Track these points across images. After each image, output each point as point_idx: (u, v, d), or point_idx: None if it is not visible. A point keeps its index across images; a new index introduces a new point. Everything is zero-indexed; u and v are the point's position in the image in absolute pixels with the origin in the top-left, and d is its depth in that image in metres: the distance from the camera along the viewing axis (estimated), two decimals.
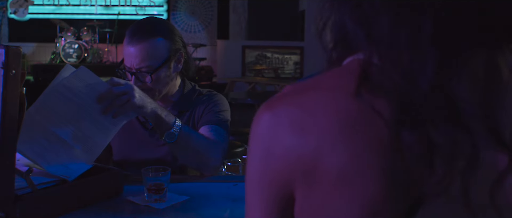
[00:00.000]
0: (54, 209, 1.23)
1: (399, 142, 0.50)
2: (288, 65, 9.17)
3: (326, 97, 0.54)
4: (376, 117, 0.51)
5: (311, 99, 0.54)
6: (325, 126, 0.52)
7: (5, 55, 1.03)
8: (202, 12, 9.62)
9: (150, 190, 1.34)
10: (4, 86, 1.04)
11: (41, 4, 9.23)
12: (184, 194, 1.41)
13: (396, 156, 0.51)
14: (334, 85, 0.55)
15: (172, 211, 1.30)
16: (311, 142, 0.53)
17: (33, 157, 1.33)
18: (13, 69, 1.04)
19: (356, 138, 0.52)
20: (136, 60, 1.62)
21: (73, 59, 8.54)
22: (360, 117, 0.52)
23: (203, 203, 1.37)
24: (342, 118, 0.52)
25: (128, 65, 1.64)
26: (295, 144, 0.54)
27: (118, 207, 1.32)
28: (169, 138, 1.50)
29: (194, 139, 1.55)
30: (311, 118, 0.53)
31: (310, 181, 0.54)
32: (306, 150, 0.53)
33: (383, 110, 0.51)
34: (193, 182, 1.57)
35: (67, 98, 1.37)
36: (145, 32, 1.63)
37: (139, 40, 1.62)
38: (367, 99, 0.52)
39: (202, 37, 9.52)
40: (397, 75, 0.51)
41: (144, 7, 9.31)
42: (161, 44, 1.64)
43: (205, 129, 1.65)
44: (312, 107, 0.53)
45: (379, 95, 0.52)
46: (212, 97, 1.76)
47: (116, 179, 1.40)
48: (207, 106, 1.71)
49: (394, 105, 0.51)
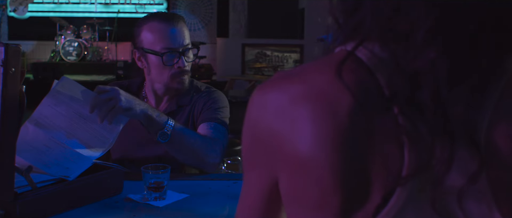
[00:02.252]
0: (53, 207, 1.23)
1: (373, 127, 0.51)
2: (287, 63, 9.17)
3: (307, 83, 0.55)
4: (348, 102, 0.52)
5: (295, 85, 0.56)
6: (302, 112, 0.54)
7: (4, 53, 1.03)
8: (202, 10, 9.61)
9: (150, 188, 1.34)
10: (4, 84, 1.04)
11: (41, 2, 9.22)
12: (183, 192, 1.41)
13: (363, 142, 0.51)
14: (316, 70, 0.57)
15: (172, 209, 1.30)
16: (288, 126, 0.55)
17: (33, 163, 1.32)
18: (13, 67, 1.04)
19: (327, 122, 0.53)
20: (183, 39, 1.68)
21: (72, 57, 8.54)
22: (333, 101, 0.53)
23: (203, 201, 1.37)
24: (318, 102, 0.54)
25: (174, 46, 1.67)
26: (277, 128, 0.55)
27: (118, 205, 1.32)
28: (162, 138, 1.51)
29: (189, 138, 1.55)
30: (291, 103, 0.55)
31: (289, 165, 0.55)
32: (285, 134, 0.55)
33: (360, 93, 0.52)
34: (192, 180, 1.57)
35: (58, 112, 1.38)
36: (176, 15, 1.73)
37: (177, 21, 1.70)
38: (346, 82, 0.53)
39: (202, 35, 9.52)
40: (388, 59, 0.52)
41: (143, 5, 9.30)
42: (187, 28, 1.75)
43: (204, 126, 1.65)
44: (294, 93, 0.55)
45: (358, 79, 0.53)
46: (211, 94, 1.76)
47: (116, 177, 1.40)
48: (206, 103, 1.71)
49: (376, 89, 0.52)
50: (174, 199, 1.36)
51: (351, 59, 0.55)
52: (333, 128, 0.52)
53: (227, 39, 9.42)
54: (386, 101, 0.51)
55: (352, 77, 0.53)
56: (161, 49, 1.66)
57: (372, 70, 0.53)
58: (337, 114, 0.52)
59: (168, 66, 1.66)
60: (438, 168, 0.49)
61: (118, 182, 1.40)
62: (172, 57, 1.66)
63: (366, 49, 0.55)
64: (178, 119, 1.71)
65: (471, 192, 0.50)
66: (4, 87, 1.04)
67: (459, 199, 0.50)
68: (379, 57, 0.54)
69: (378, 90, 0.52)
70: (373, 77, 0.53)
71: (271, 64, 9.15)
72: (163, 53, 1.66)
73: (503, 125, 0.51)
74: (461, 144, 0.50)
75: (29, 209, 1.16)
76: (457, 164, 0.50)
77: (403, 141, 0.50)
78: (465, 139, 0.50)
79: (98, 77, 8.05)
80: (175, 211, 1.30)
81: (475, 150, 0.50)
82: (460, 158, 0.50)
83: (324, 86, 0.54)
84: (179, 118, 1.72)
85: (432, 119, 0.49)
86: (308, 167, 0.53)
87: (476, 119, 0.51)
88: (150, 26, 1.67)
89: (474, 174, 0.49)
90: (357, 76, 0.53)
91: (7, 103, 1.05)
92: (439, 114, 0.49)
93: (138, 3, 9.37)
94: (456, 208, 0.51)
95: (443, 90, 0.49)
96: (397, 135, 0.51)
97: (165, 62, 1.66)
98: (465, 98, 0.51)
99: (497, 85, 0.52)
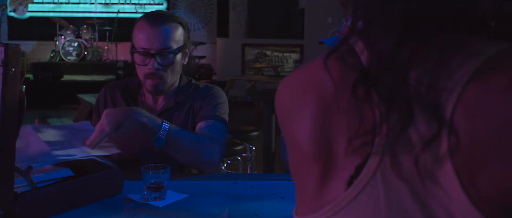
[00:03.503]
0: (53, 207, 1.23)
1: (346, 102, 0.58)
2: (287, 63, 9.17)
3: (305, 71, 0.66)
4: (331, 83, 0.60)
5: (298, 73, 0.67)
6: (300, 97, 0.64)
7: (4, 53, 1.03)
8: (202, 10, 9.62)
9: (149, 188, 1.34)
10: (4, 84, 1.04)
11: (41, 2, 9.23)
12: (183, 192, 1.41)
13: (339, 117, 0.59)
14: (316, 60, 0.65)
15: (172, 209, 1.30)
16: (290, 108, 0.65)
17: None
18: (13, 67, 1.04)
19: (314, 102, 0.61)
20: (159, 42, 1.63)
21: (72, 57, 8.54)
22: (319, 83, 0.62)
23: (203, 201, 1.37)
24: (309, 85, 0.63)
25: (147, 47, 1.64)
26: (293, 108, 0.65)
27: (118, 205, 1.32)
28: (157, 142, 1.52)
29: (185, 139, 1.56)
30: (296, 90, 0.65)
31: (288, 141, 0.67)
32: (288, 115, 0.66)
33: (342, 76, 0.60)
34: (193, 180, 1.57)
35: (42, 141, 1.40)
36: (166, 16, 1.68)
37: (162, 22, 1.64)
38: (328, 66, 0.61)
39: (202, 35, 9.52)
40: (366, 45, 0.59)
41: (143, 5, 9.31)
42: (180, 31, 1.68)
43: (202, 125, 1.65)
44: (297, 80, 0.66)
45: (344, 64, 0.61)
46: (209, 90, 1.76)
47: (116, 177, 1.40)
48: (204, 100, 1.71)
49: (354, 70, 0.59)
50: (174, 199, 1.36)
51: (347, 50, 0.62)
52: (319, 106, 0.61)
53: (227, 39, 9.42)
54: (362, 80, 0.57)
55: (337, 63, 0.61)
56: (138, 48, 1.66)
57: (360, 58, 0.60)
58: (321, 94, 0.61)
59: (142, 66, 1.66)
60: (394, 131, 0.54)
61: (118, 182, 1.40)
62: (144, 58, 1.65)
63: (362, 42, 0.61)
64: (177, 115, 1.71)
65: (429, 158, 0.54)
66: (4, 88, 1.04)
67: (416, 162, 0.54)
68: None
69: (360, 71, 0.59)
70: (359, 62, 0.60)
71: (271, 64, 9.15)
72: (134, 52, 1.67)
73: (468, 108, 0.52)
74: (422, 116, 0.54)
75: (29, 209, 1.16)
76: (415, 131, 0.54)
77: (375, 113, 0.56)
78: (428, 113, 0.53)
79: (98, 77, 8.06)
80: (175, 211, 1.30)
81: (435, 121, 0.53)
82: (419, 128, 0.54)
83: (315, 71, 0.63)
84: (178, 114, 1.72)
85: (398, 93, 0.55)
86: (297, 142, 0.63)
87: (441, 99, 0.53)
88: (138, 25, 1.68)
89: (429, 140, 0.53)
90: (345, 62, 0.60)
91: (7, 103, 1.05)
92: (402, 89, 0.55)
93: (138, 3, 9.38)
94: (415, 172, 0.54)
95: (404, 71, 0.55)
96: (370, 108, 0.57)
97: (136, 61, 1.66)
98: (430, 79, 0.54)
99: (468, 69, 0.53)
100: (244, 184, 1.50)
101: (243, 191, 1.44)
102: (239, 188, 1.47)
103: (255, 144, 3.66)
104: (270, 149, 3.83)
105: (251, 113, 7.03)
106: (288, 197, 1.37)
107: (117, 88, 1.81)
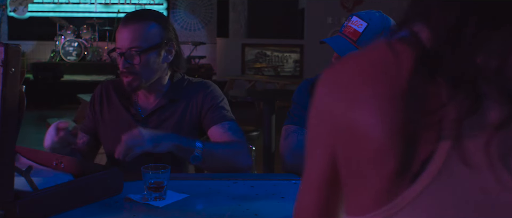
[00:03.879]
0: (53, 207, 1.23)
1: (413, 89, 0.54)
2: (287, 63, 9.16)
3: (362, 57, 0.62)
4: (406, 66, 0.56)
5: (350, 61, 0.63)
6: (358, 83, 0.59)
7: (4, 53, 1.03)
8: (202, 10, 9.62)
9: (149, 188, 1.34)
10: (4, 84, 1.04)
11: (41, 2, 9.23)
12: (183, 192, 1.41)
13: (417, 104, 0.54)
14: (370, 49, 0.62)
15: (172, 209, 1.30)
16: (344, 98, 0.60)
17: None
18: (13, 67, 1.04)
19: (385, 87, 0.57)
20: (127, 41, 1.64)
21: (72, 57, 8.54)
22: (391, 66, 0.57)
23: (203, 201, 1.37)
24: (377, 68, 0.59)
25: (119, 46, 1.67)
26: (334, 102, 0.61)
27: (118, 205, 1.32)
28: (194, 160, 1.55)
29: (219, 151, 1.59)
30: (350, 79, 0.60)
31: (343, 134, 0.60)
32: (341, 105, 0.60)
33: (406, 61, 0.56)
34: (192, 180, 1.57)
35: None
36: (139, 15, 1.69)
37: (133, 21, 1.66)
38: (397, 50, 0.57)
39: (202, 35, 9.52)
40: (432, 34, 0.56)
41: (143, 5, 9.30)
42: (153, 29, 1.67)
43: (219, 129, 1.66)
44: (362, 65, 0.61)
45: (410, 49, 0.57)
46: (206, 88, 1.75)
47: (116, 177, 1.40)
48: (205, 99, 1.71)
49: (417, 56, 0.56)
50: (174, 199, 1.36)
51: (408, 32, 0.59)
52: (391, 91, 0.56)
53: (227, 39, 9.41)
54: (432, 69, 0.54)
55: (400, 44, 0.57)
56: (115, 48, 1.71)
57: (425, 46, 0.57)
58: (395, 79, 0.56)
59: (119, 65, 1.69)
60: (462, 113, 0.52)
61: (118, 182, 1.40)
62: (118, 57, 1.69)
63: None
64: (171, 113, 1.72)
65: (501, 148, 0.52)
66: (4, 87, 1.04)
67: (487, 150, 0.51)
68: None
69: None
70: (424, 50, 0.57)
71: (271, 64, 9.15)
72: (109, 51, 1.72)
73: None
74: (491, 99, 0.52)
75: (29, 209, 1.16)
76: (485, 115, 0.52)
77: (441, 95, 0.53)
78: (499, 96, 0.52)
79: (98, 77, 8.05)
80: (175, 211, 1.30)
81: (507, 104, 0.51)
82: (489, 112, 0.52)
83: (381, 55, 0.59)
84: (172, 112, 1.72)
85: (465, 71, 0.53)
86: (362, 132, 0.56)
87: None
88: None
89: (502, 123, 0.51)
90: (409, 42, 0.57)
91: (7, 104, 1.05)
92: (468, 68, 0.53)
93: (138, 3, 9.38)
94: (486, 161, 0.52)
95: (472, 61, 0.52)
96: (436, 90, 0.54)
97: (112, 60, 1.70)
98: (498, 62, 0.53)
99: None
100: (244, 184, 1.50)
101: (243, 191, 1.44)
102: (239, 188, 1.47)
103: (255, 144, 3.65)
104: (270, 149, 3.83)
105: (251, 113, 7.03)
106: (288, 197, 1.37)
107: (112, 87, 1.82)
